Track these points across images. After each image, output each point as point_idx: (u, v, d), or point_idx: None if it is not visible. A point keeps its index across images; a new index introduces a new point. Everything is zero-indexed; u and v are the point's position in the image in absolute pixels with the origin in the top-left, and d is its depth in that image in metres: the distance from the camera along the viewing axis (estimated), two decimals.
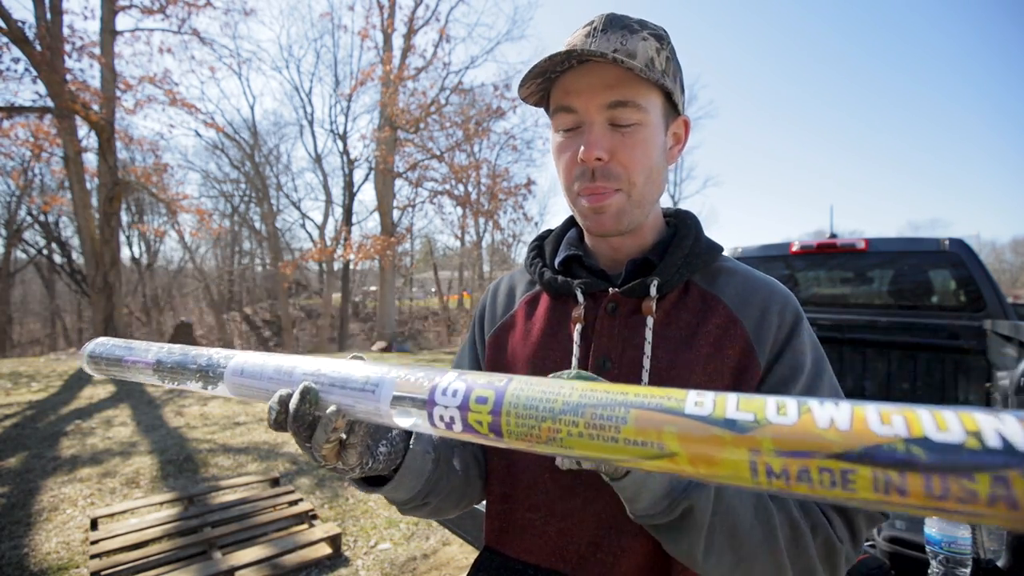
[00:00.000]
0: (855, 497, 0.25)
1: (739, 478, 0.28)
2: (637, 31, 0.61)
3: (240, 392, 0.55)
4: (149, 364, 0.60)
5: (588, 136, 0.61)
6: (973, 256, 2.86)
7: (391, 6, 15.16)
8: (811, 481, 0.25)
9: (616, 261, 0.71)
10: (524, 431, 0.35)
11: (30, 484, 3.61)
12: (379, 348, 14.15)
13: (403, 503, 0.64)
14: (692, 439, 0.29)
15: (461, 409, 0.38)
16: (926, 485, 0.23)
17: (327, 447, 0.48)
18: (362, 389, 0.45)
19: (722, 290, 0.67)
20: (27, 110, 9.92)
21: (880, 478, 0.24)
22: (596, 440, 0.32)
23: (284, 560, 2.56)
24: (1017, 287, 33.76)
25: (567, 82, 0.62)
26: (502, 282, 0.83)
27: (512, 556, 0.69)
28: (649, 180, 0.64)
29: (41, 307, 22.33)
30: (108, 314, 10.30)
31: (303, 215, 26.97)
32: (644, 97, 0.61)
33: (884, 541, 1.37)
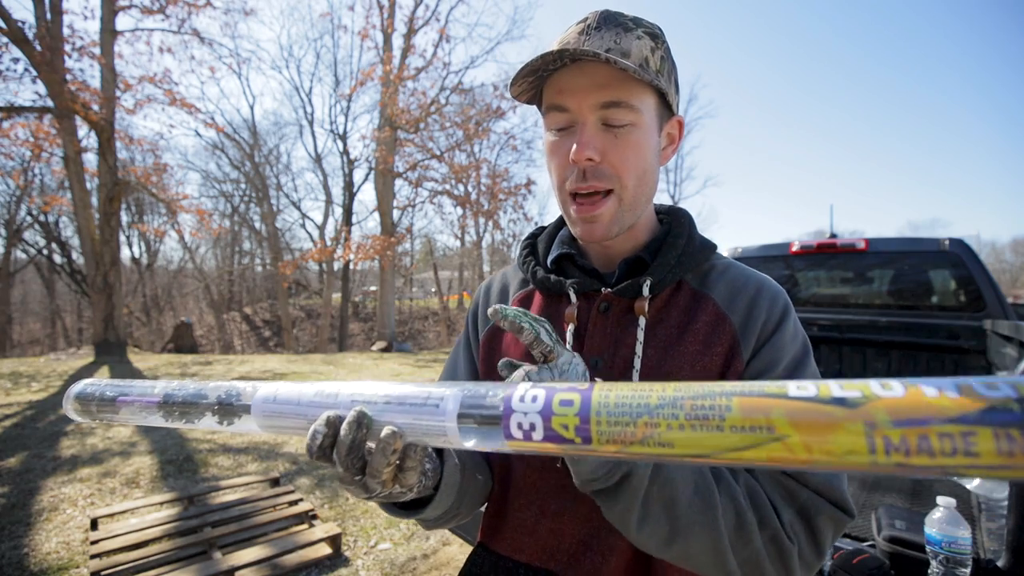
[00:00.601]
0: (979, 463, 0.24)
1: (856, 457, 0.27)
2: (632, 29, 0.60)
3: (272, 422, 0.48)
4: (153, 403, 0.54)
5: (580, 136, 0.60)
6: (973, 256, 2.86)
7: (391, 6, 15.16)
8: (932, 451, 0.25)
9: (609, 259, 0.71)
10: (617, 430, 0.33)
11: (30, 484, 3.61)
12: (379, 348, 14.14)
13: (436, 519, 0.62)
14: (803, 420, 0.28)
15: (543, 415, 0.36)
16: None
17: (387, 472, 0.44)
18: (423, 405, 0.41)
19: (712, 288, 0.67)
20: (27, 110, 9.92)
21: (1002, 437, 0.24)
22: (700, 431, 0.30)
23: (284, 560, 2.56)
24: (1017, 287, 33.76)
25: (560, 81, 0.61)
26: (495, 280, 0.83)
27: (504, 554, 0.69)
28: (641, 182, 0.63)
29: (41, 307, 22.33)
30: (108, 314, 10.30)
31: (303, 215, 27.00)
32: (637, 97, 0.60)
33: (884, 541, 1.37)
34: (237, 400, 0.50)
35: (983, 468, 0.24)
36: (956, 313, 2.89)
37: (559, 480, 0.65)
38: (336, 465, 0.44)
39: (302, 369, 9.16)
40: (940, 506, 1.17)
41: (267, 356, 13.45)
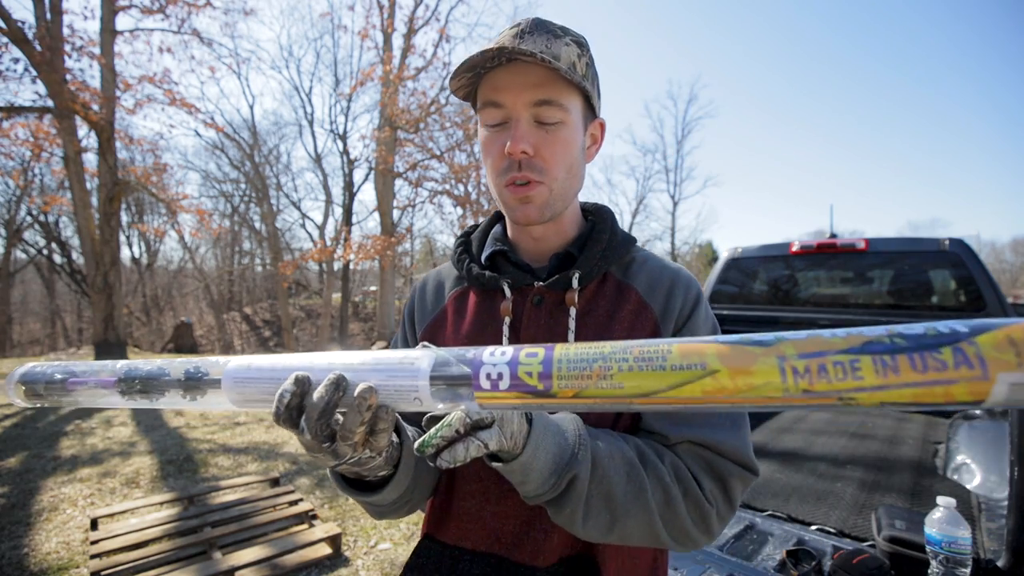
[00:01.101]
0: (863, 385, 0.32)
1: (771, 388, 0.34)
2: (560, 36, 0.65)
3: (243, 395, 0.48)
4: (110, 381, 0.52)
5: (515, 131, 0.64)
6: (973, 256, 2.86)
7: (391, 6, 15.16)
8: (828, 376, 0.32)
9: (540, 254, 0.76)
10: (576, 373, 0.38)
11: (30, 484, 3.61)
12: (379, 348, 14.14)
13: (392, 503, 0.64)
14: (730, 355, 0.35)
15: (511, 365, 0.40)
16: (910, 361, 0.31)
17: (360, 431, 0.45)
18: (397, 367, 0.43)
19: (634, 279, 0.73)
20: (27, 110, 9.92)
21: (878, 362, 0.32)
22: (646, 369, 0.36)
23: (284, 560, 2.56)
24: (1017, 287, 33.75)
25: (495, 78, 0.65)
26: (430, 278, 0.85)
27: (450, 543, 0.72)
28: (569, 175, 0.68)
29: (41, 307, 22.33)
30: (108, 314, 10.31)
31: (303, 215, 26.97)
32: (566, 98, 0.65)
33: (884, 541, 1.37)
34: (204, 375, 0.49)
35: (867, 389, 0.32)
36: (956, 313, 2.89)
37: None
38: (303, 431, 0.44)
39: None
40: (940, 506, 1.17)
41: None
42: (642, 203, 30.33)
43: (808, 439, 2.48)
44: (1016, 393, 0.30)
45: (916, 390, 0.31)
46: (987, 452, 1.90)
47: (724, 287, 3.69)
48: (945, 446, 2.17)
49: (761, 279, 3.62)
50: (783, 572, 1.39)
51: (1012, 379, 0.30)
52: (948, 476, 1.93)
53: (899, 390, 0.31)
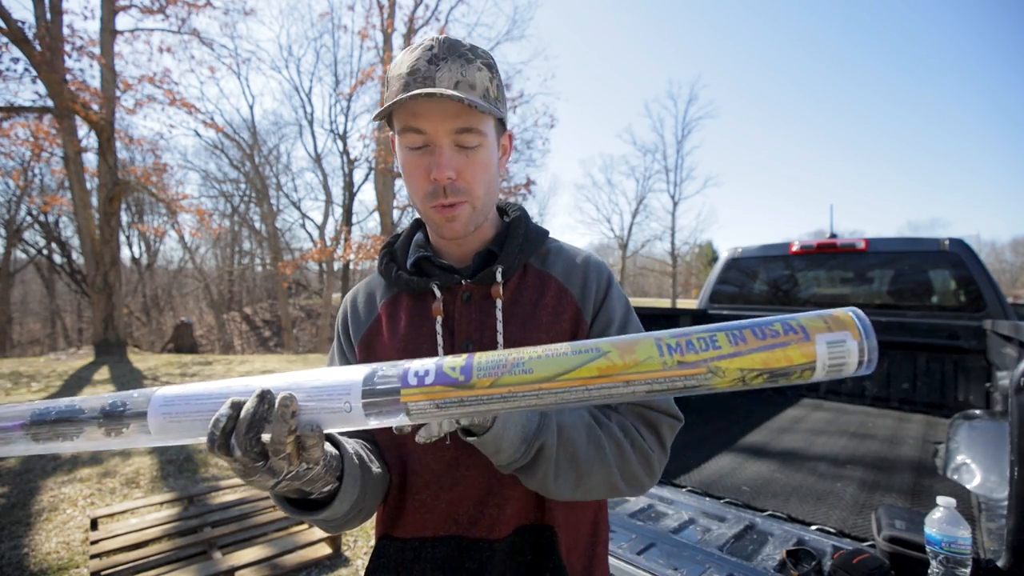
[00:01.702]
0: (722, 353, 0.41)
1: (652, 362, 0.42)
2: (472, 60, 0.68)
3: (172, 428, 0.45)
4: (14, 427, 0.46)
5: (439, 158, 0.68)
6: (973, 256, 2.86)
7: (391, 6, 15.15)
8: (695, 347, 0.42)
9: (463, 255, 0.80)
10: (493, 364, 0.43)
11: (30, 484, 3.61)
12: None
13: (345, 515, 0.63)
14: (618, 341, 0.44)
15: (437, 364, 0.45)
16: (753, 332, 0.41)
17: (289, 442, 0.44)
18: (329, 387, 0.45)
19: (552, 267, 0.80)
20: (27, 110, 9.91)
21: (730, 335, 0.42)
22: (551, 356, 0.43)
23: (284, 560, 2.56)
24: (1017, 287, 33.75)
25: (415, 106, 0.67)
26: (359, 291, 0.88)
27: (407, 537, 0.75)
28: (488, 191, 0.74)
29: (41, 307, 22.33)
30: (108, 314, 10.30)
31: (303, 215, 26.95)
32: (484, 123, 0.69)
33: (884, 541, 1.37)
34: (125, 409, 0.46)
35: (726, 357, 0.41)
36: (956, 313, 2.90)
37: (451, 455, 0.73)
38: (234, 451, 0.43)
39: (301, 370, 9.16)
40: (940, 506, 1.17)
41: (267, 356, 13.46)
42: (642, 203, 30.35)
43: (808, 439, 2.48)
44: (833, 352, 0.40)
45: (763, 354, 0.40)
46: (987, 452, 1.90)
47: (724, 287, 3.69)
48: (945, 446, 2.17)
49: (761, 279, 3.62)
50: (783, 572, 1.39)
51: (827, 338, 0.40)
52: (948, 476, 1.93)
53: (750, 355, 0.40)
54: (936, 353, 2.94)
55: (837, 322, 0.41)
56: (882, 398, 3.16)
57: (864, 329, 0.41)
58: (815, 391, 3.38)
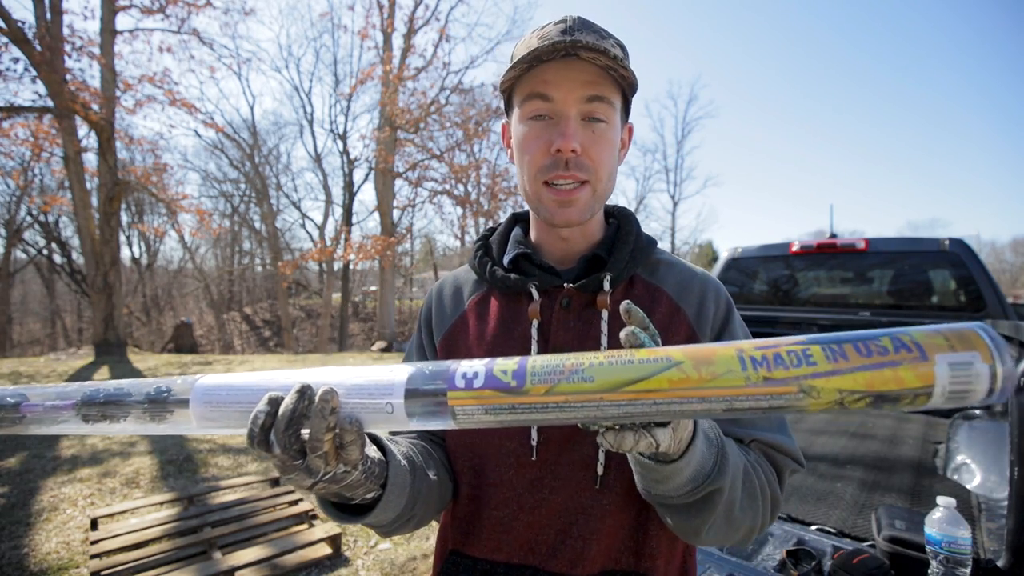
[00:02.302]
0: (818, 370, 0.35)
1: (733, 375, 0.36)
2: (607, 37, 0.64)
3: (213, 415, 0.45)
4: (68, 405, 0.48)
5: (565, 128, 0.62)
6: (973, 256, 2.86)
7: (391, 6, 15.15)
8: (784, 362, 0.36)
9: (565, 256, 0.74)
10: (549, 369, 0.39)
11: (30, 484, 3.61)
12: (379, 348, 14.14)
13: (391, 522, 0.60)
14: (693, 351, 0.38)
15: (487, 366, 0.41)
16: (855, 348, 0.35)
17: (328, 439, 0.43)
18: (372, 386, 0.43)
19: (664, 281, 0.72)
20: (27, 110, 9.91)
21: (827, 349, 0.36)
22: (615, 365, 0.38)
23: (284, 560, 2.56)
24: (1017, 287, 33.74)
25: (546, 72, 0.63)
26: (446, 283, 0.82)
27: (480, 557, 0.69)
28: (610, 177, 0.68)
29: (41, 307, 22.33)
30: (108, 314, 10.30)
31: (303, 215, 26.92)
32: (614, 97, 0.64)
33: (884, 541, 1.37)
34: (170, 395, 0.46)
35: (822, 375, 0.35)
36: (956, 313, 2.89)
37: (535, 473, 0.66)
38: (273, 448, 0.42)
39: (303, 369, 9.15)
40: (940, 506, 1.17)
41: (267, 356, 13.46)
42: (642, 203, 30.32)
43: (808, 439, 2.47)
44: (957, 376, 0.33)
45: (867, 374, 0.34)
46: (987, 452, 1.90)
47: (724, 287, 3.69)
48: (945, 446, 2.17)
49: (761, 279, 3.62)
50: (783, 572, 1.39)
51: (949, 359, 0.33)
52: (948, 476, 1.93)
53: (852, 375, 0.34)
54: None
55: (962, 340, 0.34)
56: None
57: (997, 350, 0.34)
58: None
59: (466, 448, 0.71)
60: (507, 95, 0.70)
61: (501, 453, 0.67)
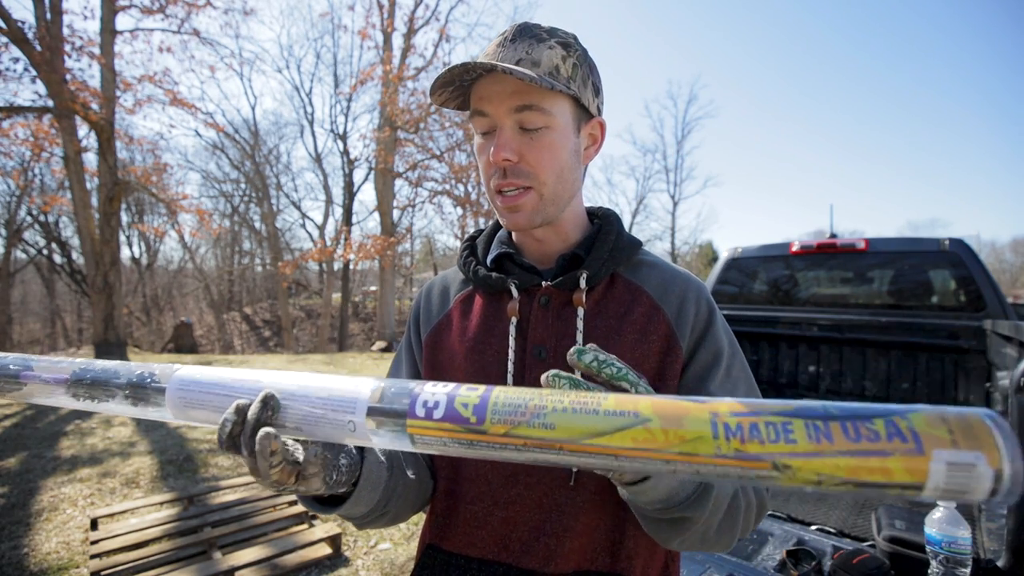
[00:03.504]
0: (796, 449, 0.31)
1: (703, 443, 0.33)
2: (544, 40, 0.65)
3: (185, 410, 0.46)
4: (61, 379, 0.50)
5: (498, 139, 0.64)
6: (973, 256, 2.86)
7: (391, 6, 15.15)
8: (760, 436, 0.32)
9: (545, 256, 0.75)
10: (509, 411, 0.37)
11: (30, 484, 3.61)
12: (379, 348, 14.14)
13: (362, 516, 0.62)
14: (663, 406, 0.35)
15: (449, 395, 0.40)
16: (843, 428, 0.31)
17: (275, 473, 0.44)
18: (338, 398, 0.42)
19: (645, 281, 0.72)
20: (27, 110, 9.91)
21: (811, 426, 0.31)
22: (579, 413, 0.36)
23: (284, 560, 2.56)
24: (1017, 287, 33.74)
25: (480, 88, 0.66)
26: (435, 283, 0.84)
27: (455, 551, 0.70)
28: (560, 179, 0.67)
29: (41, 307, 22.32)
30: (108, 314, 10.30)
31: (303, 215, 26.92)
32: (549, 102, 0.64)
33: (884, 541, 1.37)
34: (152, 382, 0.47)
35: (800, 455, 0.31)
36: (956, 313, 2.89)
37: (510, 469, 0.67)
38: (243, 451, 0.43)
39: (301, 370, 9.16)
40: (940, 506, 1.17)
41: (267, 356, 13.47)
42: (642, 203, 30.32)
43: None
44: (954, 476, 0.29)
45: (851, 460, 0.30)
46: None
47: (724, 287, 3.69)
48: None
49: (761, 279, 3.62)
50: (783, 572, 1.39)
51: (948, 457, 0.29)
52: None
53: (834, 459, 0.30)
54: (936, 353, 2.94)
55: (967, 434, 0.29)
56: (882, 398, 3.15)
57: (1007, 449, 0.29)
58: (814, 391, 3.38)
59: None
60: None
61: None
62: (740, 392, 0.68)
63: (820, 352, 3.31)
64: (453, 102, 0.70)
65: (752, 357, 3.45)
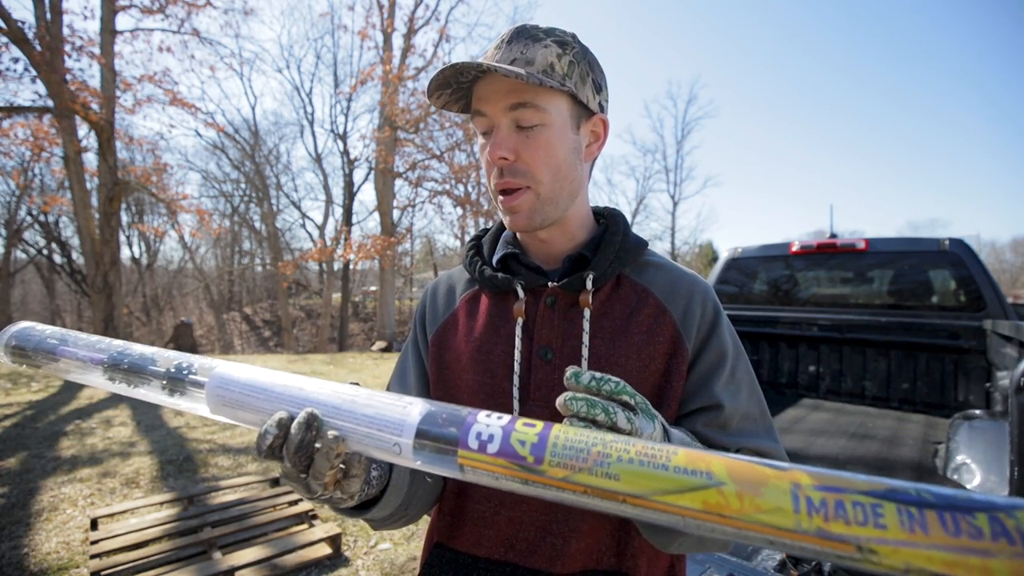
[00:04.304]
0: (886, 536, 0.28)
1: (782, 515, 0.30)
2: (540, 39, 0.65)
3: (223, 408, 0.47)
4: (98, 359, 0.51)
5: (495, 138, 0.65)
6: (973, 256, 2.86)
7: (391, 6, 15.15)
8: (846, 516, 0.29)
9: (551, 257, 0.75)
10: (571, 454, 0.35)
11: (30, 484, 3.61)
12: (379, 348, 14.14)
13: (383, 519, 0.63)
14: (739, 470, 0.32)
15: (505, 429, 0.38)
16: (940, 520, 0.27)
17: (330, 475, 0.45)
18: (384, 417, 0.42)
19: (652, 282, 0.72)
20: (27, 110, 9.91)
21: (903, 512, 0.28)
22: (646, 467, 0.33)
23: (284, 560, 2.56)
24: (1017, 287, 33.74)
25: (478, 89, 0.67)
26: (441, 282, 0.84)
27: (462, 550, 0.71)
28: (557, 177, 0.67)
29: (41, 307, 22.32)
30: (108, 314, 10.30)
31: (303, 215, 26.90)
32: (545, 100, 0.64)
33: None
34: (190, 374, 0.48)
35: (891, 543, 0.28)
36: (956, 313, 2.89)
37: None
38: (284, 461, 0.45)
39: (302, 369, 9.16)
40: None
41: (267, 356, 13.46)
42: (642, 203, 30.33)
43: (808, 439, 2.47)
44: None
45: (948, 555, 0.27)
46: (987, 452, 1.90)
47: (724, 287, 3.69)
48: (945, 446, 2.17)
49: (761, 279, 3.62)
50: (783, 572, 1.39)
51: None
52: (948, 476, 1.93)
53: (927, 551, 0.27)
54: (936, 353, 2.94)
55: None
56: (882, 398, 3.16)
57: None
58: (814, 391, 3.38)
59: None
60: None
61: None
62: (743, 394, 0.68)
63: (820, 352, 3.31)
64: (455, 104, 0.71)
65: (752, 357, 3.45)
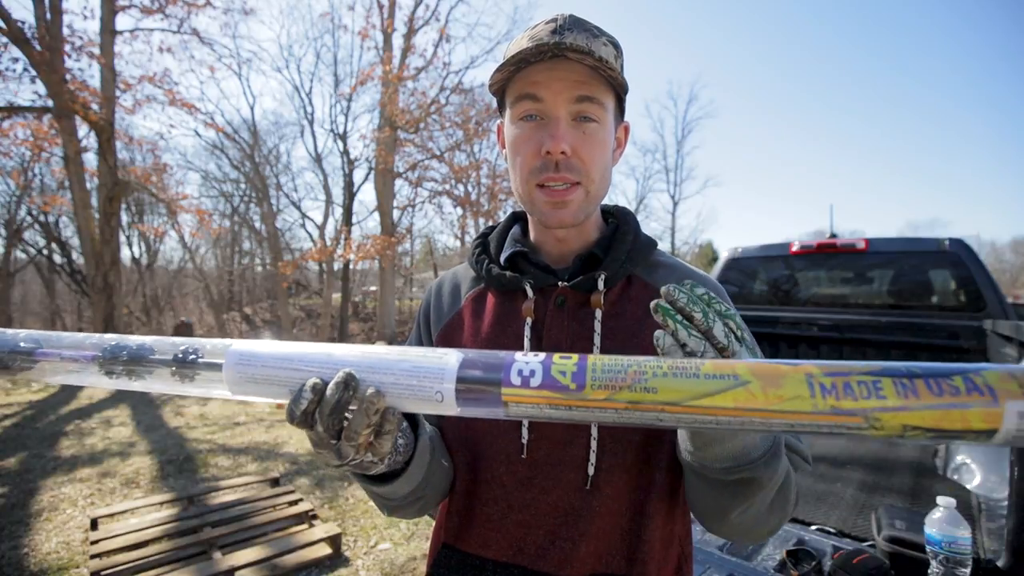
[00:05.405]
0: (886, 404, 0.34)
1: (801, 401, 0.35)
2: (598, 36, 0.63)
3: (245, 385, 0.45)
4: (87, 356, 0.48)
5: (555, 129, 0.62)
6: (973, 256, 2.86)
7: (391, 6, 15.14)
8: (854, 393, 0.35)
9: (562, 256, 0.73)
10: (609, 376, 0.38)
11: (30, 484, 3.61)
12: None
13: (403, 498, 0.63)
14: (761, 369, 0.37)
15: (544, 364, 0.40)
16: (927, 385, 0.34)
17: (365, 433, 0.44)
18: (421, 367, 0.42)
19: (662, 282, 0.71)
20: (27, 110, 9.91)
21: (898, 384, 0.35)
22: (680, 377, 0.38)
23: (284, 560, 2.56)
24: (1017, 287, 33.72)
25: (535, 73, 0.63)
26: (445, 280, 0.83)
27: (470, 552, 0.69)
28: (602, 177, 0.67)
29: (41, 307, 22.32)
30: (108, 314, 10.30)
31: (303, 215, 26.85)
32: (606, 97, 0.64)
33: (884, 541, 1.37)
34: (199, 357, 0.46)
35: (890, 410, 0.34)
36: (956, 313, 2.89)
37: (525, 472, 0.66)
38: (316, 426, 0.44)
39: None
40: (940, 506, 1.17)
41: None
42: (642, 203, 30.32)
43: (808, 439, 2.48)
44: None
45: (935, 412, 0.34)
46: (987, 452, 1.90)
47: (724, 287, 3.69)
48: (945, 446, 2.17)
49: (761, 279, 3.62)
50: (783, 572, 1.39)
51: (1019, 407, 0.33)
52: (948, 476, 1.93)
53: (920, 412, 0.34)
54: (936, 353, 2.94)
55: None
56: None
57: None
58: None
59: (462, 443, 0.71)
60: (499, 96, 0.71)
61: (493, 450, 0.68)
62: None
63: (820, 352, 3.31)
64: (496, 85, 0.68)
65: None
